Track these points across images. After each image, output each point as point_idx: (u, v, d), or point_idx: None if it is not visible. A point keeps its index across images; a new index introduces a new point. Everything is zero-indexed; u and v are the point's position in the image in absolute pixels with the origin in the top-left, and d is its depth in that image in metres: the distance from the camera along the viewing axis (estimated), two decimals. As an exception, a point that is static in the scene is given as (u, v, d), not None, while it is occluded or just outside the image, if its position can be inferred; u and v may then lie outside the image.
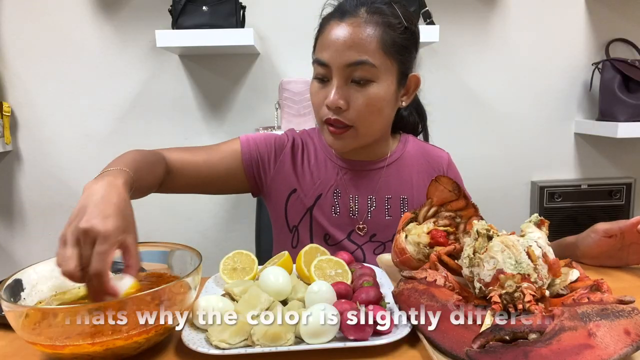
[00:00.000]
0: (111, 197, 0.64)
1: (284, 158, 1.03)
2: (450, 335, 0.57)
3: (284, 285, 0.70)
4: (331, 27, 0.89)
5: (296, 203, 1.02)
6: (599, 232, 0.87)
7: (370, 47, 0.87)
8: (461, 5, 1.64)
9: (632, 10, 1.69)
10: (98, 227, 0.59)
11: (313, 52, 0.94)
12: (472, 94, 1.71)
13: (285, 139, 1.05)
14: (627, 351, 0.50)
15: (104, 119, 1.63)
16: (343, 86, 0.89)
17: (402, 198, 1.02)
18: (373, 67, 0.87)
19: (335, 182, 1.01)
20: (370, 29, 0.87)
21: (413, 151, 1.07)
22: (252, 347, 0.59)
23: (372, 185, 1.02)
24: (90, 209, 0.61)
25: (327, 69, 0.89)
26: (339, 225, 1.01)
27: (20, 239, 1.71)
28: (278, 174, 1.02)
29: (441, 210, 0.85)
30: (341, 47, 0.86)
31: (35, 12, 1.56)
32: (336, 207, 1.01)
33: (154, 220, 1.69)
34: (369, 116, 0.91)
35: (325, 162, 1.03)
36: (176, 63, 1.62)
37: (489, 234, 0.67)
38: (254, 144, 1.02)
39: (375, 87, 0.89)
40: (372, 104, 0.89)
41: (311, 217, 1.01)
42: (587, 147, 1.78)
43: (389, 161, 1.03)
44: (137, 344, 0.59)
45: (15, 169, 1.65)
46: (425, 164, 1.06)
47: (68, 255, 0.58)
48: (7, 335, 0.68)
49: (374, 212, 1.01)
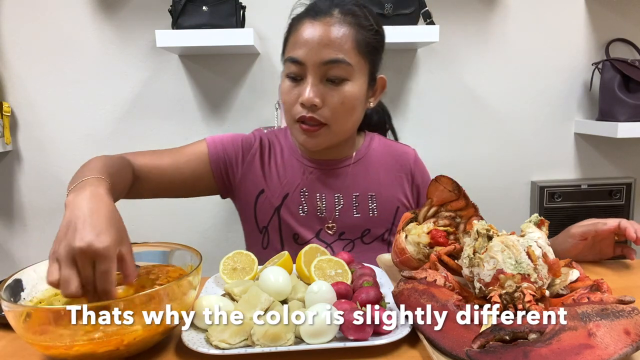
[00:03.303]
0: (99, 209, 0.63)
1: (252, 158, 1.02)
2: (450, 335, 0.57)
3: (284, 285, 0.70)
4: (304, 26, 0.90)
5: (264, 204, 1.01)
6: (575, 236, 0.88)
7: (346, 46, 0.88)
8: (461, 5, 1.64)
9: (632, 10, 1.69)
10: (96, 245, 0.58)
11: (283, 52, 0.95)
12: (472, 94, 1.71)
13: (253, 139, 1.05)
14: (627, 351, 0.50)
15: (104, 119, 1.63)
16: (318, 84, 0.89)
17: (370, 195, 1.03)
18: (349, 66, 0.89)
19: (302, 181, 1.01)
20: (345, 28, 0.89)
21: (379, 149, 1.08)
22: (252, 347, 0.59)
23: (339, 183, 1.02)
24: (81, 225, 0.59)
25: (301, 67, 0.89)
26: (307, 224, 1.01)
27: (20, 239, 1.71)
28: (246, 175, 1.02)
29: (441, 210, 0.85)
30: (317, 46, 0.88)
31: (35, 12, 1.56)
32: (304, 206, 1.01)
33: (154, 221, 1.69)
34: (343, 114, 0.92)
35: (292, 162, 1.03)
36: (176, 63, 1.62)
37: (489, 234, 0.67)
38: (220, 144, 1.01)
39: (349, 85, 0.90)
40: (347, 102, 0.91)
41: (279, 217, 1.01)
42: (587, 147, 1.78)
43: (355, 159, 1.04)
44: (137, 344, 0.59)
45: (15, 169, 1.65)
46: (392, 160, 1.07)
47: (67, 277, 0.57)
48: (7, 335, 0.68)
49: (342, 210, 1.02)
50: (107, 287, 0.58)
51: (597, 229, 0.86)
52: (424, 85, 1.69)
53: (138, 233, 1.67)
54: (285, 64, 0.93)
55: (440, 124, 1.72)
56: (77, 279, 0.57)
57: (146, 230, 1.69)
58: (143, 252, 0.76)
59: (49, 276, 0.58)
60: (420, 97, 1.69)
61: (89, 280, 0.58)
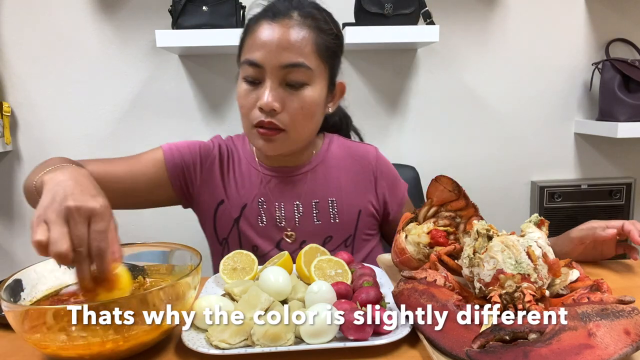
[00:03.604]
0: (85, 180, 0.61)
1: (211, 167, 0.99)
2: (450, 335, 0.57)
3: (284, 285, 0.70)
4: (262, 27, 0.86)
5: (224, 215, 0.98)
6: (574, 240, 0.89)
7: (306, 50, 0.86)
8: (461, 5, 1.64)
9: (632, 10, 1.69)
10: (92, 204, 0.56)
11: (239, 54, 0.92)
12: (472, 94, 1.71)
13: (211, 146, 1.01)
14: (627, 351, 0.50)
15: (104, 119, 1.63)
16: (277, 88, 0.86)
17: (330, 200, 0.99)
18: (309, 70, 0.87)
19: (259, 190, 0.98)
20: (305, 31, 0.86)
21: (337, 151, 1.04)
22: (252, 347, 0.59)
23: (297, 191, 0.99)
24: (70, 190, 0.57)
25: (259, 70, 0.86)
26: (266, 235, 0.98)
27: (20, 239, 1.71)
28: (205, 184, 0.99)
29: (441, 210, 0.85)
30: (275, 48, 0.84)
31: (35, 12, 1.56)
32: (262, 216, 0.98)
33: (154, 220, 1.69)
34: (302, 120, 0.89)
35: (249, 171, 1.00)
36: (176, 63, 1.62)
37: (489, 234, 0.67)
38: (177, 152, 0.98)
39: (309, 90, 0.88)
40: (307, 108, 0.88)
41: (238, 229, 0.98)
42: (587, 147, 1.78)
43: (314, 164, 1.01)
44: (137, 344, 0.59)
45: (15, 169, 1.65)
46: (352, 162, 1.03)
47: (57, 236, 0.54)
48: (7, 335, 0.68)
49: (302, 218, 0.98)
50: (103, 246, 0.56)
51: (596, 235, 0.86)
52: (424, 85, 1.69)
53: (138, 233, 1.67)
54: (242, 67, 0.89)
55: (440, 124, 1.72)
56: (68, 238, 0.54)
57: (146, 230, 1.69)
58: (143, 252, 0.76)
59: (34, 236, 0.54)
60: (420, 97, 1.69)
61: (82, 240, 0.55)
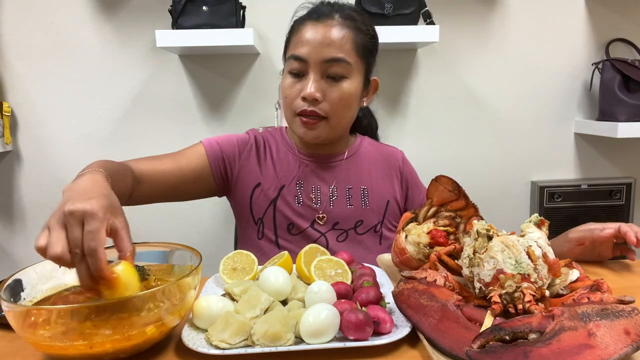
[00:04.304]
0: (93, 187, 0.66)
1: (248, 155, 1.08)
2: (450, 335, 0.57)
3: (284, 285, 0.70)
4: (307, 27, 0.97)
5: (260, 196, 1.05)
6: (572, 241, 0.91)
7: (346, 47, 0.96)
8: (461, 5, 1.64)
9: (632, 10, 1.69)
10: (84, 207, 0.58)
11: (285, 51, 1.03)
12: (472, 94, 1.71)
13: (247, 138, 1.10)
14: (627, 351, 0.50)
15: (104, 119, 1.63)
16: (319, 80, 0.96)
17: (362, 188, 1.08)
18: (348, 65, 0.97)
19: (298, 173, 1.07)
20: (345, 31, 0.97)
21: (369, 148, 1.15)
22: (252, 347, 0.59)
23: (333, 176, 1.07)
24: (75, 197, 0.61)
25: (303, 64, 0.96)
26: (302, 214, 1.05)
27: (20, 239, 1.71)
28: (242, 170, 1.07)
29: (441, 210, 0.85)
30: (319, 45, 0.95)
31: (35, 12, 1.56)
32: (299, 197, 1.05)
33: (154, 221, 1.69)
34: (341, 109, 0.99)
35: (287, 156, 1.08)
36: (176, 63, 1.62)
37: (489, 234, 0.67)
38: (216, 144, 1.06)
39: (348, 83, 0.98)
40: (345, 98, 0.98)
41: (275, 208, 1.05)
42: (587, 147, 1.78)
43: (348, 155, 1.10)
44: (137, 344, 0.59)
45: (15, 169, 1.65)
46: (382, 158, 1.13)
47: (54, 239, 0.57)
48: (7, 335, 0.68)
49: (336, 201, 1.06)
50: (94, 246, 0.57)
51: (594, 235, 0.88)
52: (424, 85, 1.69)
53: (138, 233, 1.67)
54: (288, 62, 1.00)
55: (440, 124, 1.72)
56: (64, 240, 0.57)
57: (146, 230, 1.69)
58: (143, 252, 0.76)
59: (36, 241, 0.58)
60: (420, 97, 1.69)
61: (77, 242, 0.57)
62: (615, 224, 0.87)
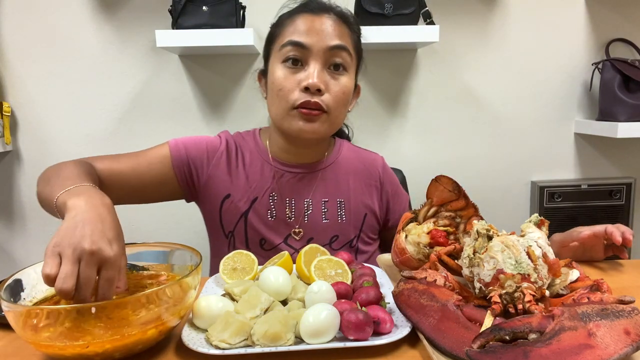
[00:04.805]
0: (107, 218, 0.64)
1: (217, 162, 1.00)
2: (450, 335, 0.57)
3: (284, 285, 0.70)
4: (303, 17, 0.91)
5: (230, 208, 0.99)
6: (555, 244, 0.92)
7: (347, 39, 0.93)
8: (461, 5, 1.64)
9: (632, 10, 1.69)
10: (107, 252, 0.59)
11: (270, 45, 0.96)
12: (471, 94, 1.71)
13: (218, 142, 1.02)
14: (627, 351, 0.50)
15: (104, 119, 1.63)
16: (322, 70, 0.91)
17: (339, 201, 1.02)
18: (350, 56, 0.93)
19: (272, 185, 0.99)
20: (343, 26, 0.93)
21: (348, 155, 1.07)
22: (252, 347, 0.59)
23: (308, 188, 1.01)
24: (90, 230, 0.60)
25: (303, 51, 0.90)
26: (275, 229, 0.99)
27: (20, 239, 1.71)
28: (211, 179, 0.99)
29: (441, 210, 0.85)
30: (322, 32, 0.90)
31: (35, 12, 1.56)
32: (272, 210, 0.99)
33: (154, 221, 1.69)
34: (340, 104, 0.93)
35: (262, 166, 1.01)
36: (176, 63, 1.62)
37: (489, 234, 0.67)
38: (183, 147, 0.99)
39: (347, 77, 0.93)
40: (346, 93, 0.93)
41: (246, 222, 0.99)
42: (587, 147, 1.78)
43: (326, 164, 1.03)
44: (137, 344, 0.59)
45: (15, 169, 1.65)
46: (361, 167, 1.07)
47: (67, 274, 0.56)
48: (7, 335, 0.68)
49: (311, 215, 1.00)
50: (109, 294, 0.59)
51: (574, 237, 0.90)
52: (424, 85, 1.69)
53: (138, 233, 1.67)
54: (283, 50, 0.91)
55: (440, 124, 1.72)
56: (75, 277, 0.57)
57: (146, 230, 1.69)
58: (143, 252, 0.76)
59: (46, 268, 0.57)
60: (420, 97, 1.69)
61: (88, 282, 0.58)
62: (602, 226, 0.89)
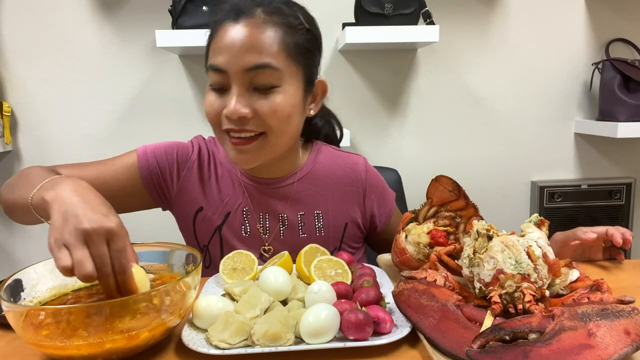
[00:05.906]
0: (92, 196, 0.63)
1: (188, 173, 0.94)
2: (450, 335, 0.57)
3: (284, 285, 0.70)
4: (225, 29, 0.80)
5: (204, 222, 0.94)
6: (557, 243, 0.91)
7: (272, 50, 0.79)
8: (461, 5, 1.64)
9: (632, 10, 1.69)
10: (108, 224, 0.58)
11: (206, 60, 0.85)
12: (471, 94, 1.71)
13: (190, 149, 0.96)
14: (627, 351, 0.50)
15: (104, 119, 1.63)
16: (245, 93, 0.80)
17: (316, 213, 0.95)
18: (276, 71, 0.79)
19: (243, 200, 0.94)
20: (270, 30, 0.79)
21: (326, 162, 0.99)
22: (252, 347, 0.59)
23: (282, 203, 0.94)
24: (82, 211, 0.59)
25: (224, 75, 0.80)
26: (250, 245, 0.94)
27: (20, 239, 1.71)
28: (183, 191, 0.94)
29: (441, 210, 0.85)
30: (238, 51, 0.78)
31: (35, 12, 1.56)
32: (246, 226, 0.94)
33: (154, 221, 1.69)
34: (281, 121, 0.81)
35: (232, 179, 0.95)
36: (176, 63, 1.62)
37: (489, 234, 0.67)
38: (152, 156, 0.93)
39: (280, 92, 0.80)
40: (280, 111, 0.80)
41: (220, 236, 0.94)
42: (587, 147, 1.78)
43: (300, 176, 0.95)
44: (137, 344, 0.59)
45: (15, 169, 1.65)
46: (341, 173, 0.98)
47: (81, 259, 0.56)
48: (7, 335, 0.68)
49: (287, 230, 0.94)
50: (124, 263, 0.59)
51: (577, 236, 0.89)
52: (424, 85, 1.69)
53: (138, 233, 1.67)
54: (209, 74, 0.83)
55: (440, 124, 1.72)
56: (91, 259, 0.57)
57: (146, 230, 1.69)
58: (143, 252, 0.76)
59: (59, 262, 0.56)
60: (420, 97, 1.69)
61: (104, 259, 0.57)
62: (602, 227, 0.89)
